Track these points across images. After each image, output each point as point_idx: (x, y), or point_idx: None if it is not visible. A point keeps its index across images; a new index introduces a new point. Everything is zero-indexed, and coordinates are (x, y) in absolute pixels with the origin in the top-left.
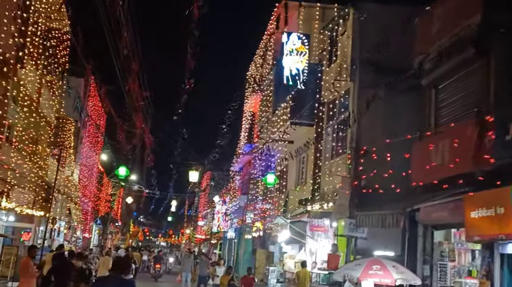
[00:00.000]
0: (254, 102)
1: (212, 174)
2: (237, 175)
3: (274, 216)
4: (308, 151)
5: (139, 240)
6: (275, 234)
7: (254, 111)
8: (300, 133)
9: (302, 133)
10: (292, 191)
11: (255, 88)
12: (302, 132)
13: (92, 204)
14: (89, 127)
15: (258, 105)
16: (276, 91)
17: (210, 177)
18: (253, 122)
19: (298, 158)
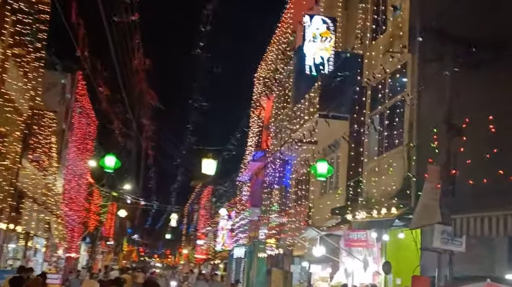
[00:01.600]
0: (264, 105)
1: (214, 189)
2: (245, 186)
3: (300, 229)
4: (339, 151)
5: (133, 260)
6: (299, 252)
7: (265, 115)
8: (328, 130)
9: (330, 130)
10: (318, 200)
11: (265, 89)
12: (330, 129)
13: (79, 219)
14: (77, 131)
15: (270, 107)
16: (296, 84)
17: (211, 192)
18: (262, 128)
19: (328, 159)
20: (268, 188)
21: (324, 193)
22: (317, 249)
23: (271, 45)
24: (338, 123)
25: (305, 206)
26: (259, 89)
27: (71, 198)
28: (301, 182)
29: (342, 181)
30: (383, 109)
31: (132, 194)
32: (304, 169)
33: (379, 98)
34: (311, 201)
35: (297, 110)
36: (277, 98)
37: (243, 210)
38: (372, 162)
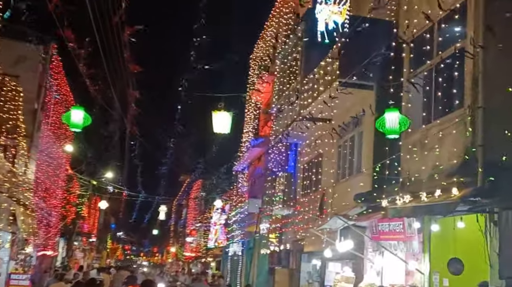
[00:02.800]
0: (262, 88)
1: (204, 183)
2: (242, 176)
3: (313, 221)
4: (361, 127)
5: (118, 259)
6: (311, 247)
7: (263, 99)
8: (346, 104)
9: (349, 103)
10: (334, 187)
11: (264, 68)
12: (349, 102)
13: (56, 213)
14: (52, 113)
15: (269, 89)
16: (306, 54)
17: (201, 186)
18: (260, 113)
19: (344, 140)
20: (271, 177)
21: (343, 177)
22: (343, 243)
23: (270, 20)
24: (359, 94)
25: (319, 193)
26: (256, 71)
27: (47, 189)
28: (311, 167)
29: (367, 162)
30: (430, 66)
31: (115, 184)
32: (316, 151)
33: (424, 53)
34: (326, 188)
35: (308, 82)
36: (281, 73)
37: (240, 202)
38: (415, 133)
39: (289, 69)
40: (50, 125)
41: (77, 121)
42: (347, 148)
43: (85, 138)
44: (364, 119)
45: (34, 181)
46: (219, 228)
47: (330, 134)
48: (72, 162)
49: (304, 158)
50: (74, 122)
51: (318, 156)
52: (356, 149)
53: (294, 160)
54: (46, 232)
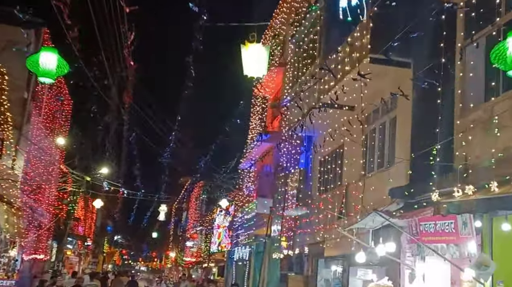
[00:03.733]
0: (271, 79)
1: (206, 183)
2: (247, 175)
3: (333, 221)
4: (394, 112)
5: (116, 264)
6: (333, 251)
7: (272, 91)
8: (374, 87)
9: (378, 86)
10: (360, 183)
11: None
12: (378, 84)
13: (49, 214)
14: (45, 105)
15: (280, 79)
16: (326, 33)
17: (202, 188)
18: (268, 108)
19: (372, 128)
20: (282, 173)
21: (371, 171)
22: (380, 246)
23: (280, 6)
24: (394, 72)
25: (341, 190)
26: None
27: (39, 188)
28: (330, 161)
29: (403, 151)
30: (496, 28)
31: (111, 181)
32: (336, 142)
33: (483, 17)
34: (349, 184)
35: (330, 63)
36: (295, 58)
37: (248, 202)
38: (475, 110)
39: (305, 53)
40: (42, 117)
41: (47, 67)
42: (375, 137)
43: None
44: (399, 102)
45: (22, 177)
46: (223, 231)
47: (356, 122)
48: (65, 156)
49: (322, 151)
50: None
51: (339, 148)
52: (388, 137)
53: (308, 154)
54: (37, 234)
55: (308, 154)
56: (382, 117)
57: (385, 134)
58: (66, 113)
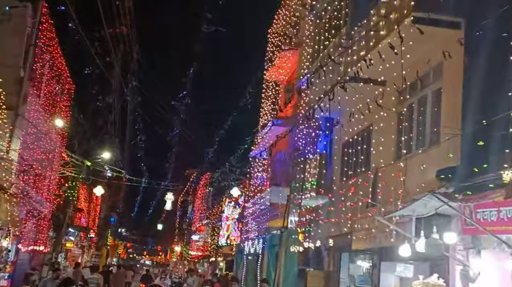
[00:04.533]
0: (285, 62)
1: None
2: (258, 163)
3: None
4: (436, 84)
5: (121, 257)
6: (368, 243)
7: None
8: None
9: (421, 52)
10: (393, 166)
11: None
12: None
13: (50, 203)
14: (43, 86)
15: (295, 60)
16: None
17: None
18: (279, 94)
19: (409, 104)
20: (299, 159)
21: (408, 152)
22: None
23: None
24: (439, 35)
25: (370, 175)
26: (276, 43)
27: (38, 175)
28: (356, 144)
29: (451, 126)
30: None
31: (113, 166)
32: (363, 123)
33: None
34: (375, 173)
35: (359, 30)
36: (315, 31)
37: (260, 192)
38: None
39: (328, 24)
40: (41, 99)
41: None
42: (414, 112)
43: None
44: (445, 70)
45: (18, 161)
46: (232, 223)
47: (388, 97)
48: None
49: (346, 133)
50: None
51: (367, 128)
52: (430, 112)
53: (329, 137)
54: (36, 225)
55: (329, 137)
56: (422, 90)
57: (427, 109)
58: (68, 97)
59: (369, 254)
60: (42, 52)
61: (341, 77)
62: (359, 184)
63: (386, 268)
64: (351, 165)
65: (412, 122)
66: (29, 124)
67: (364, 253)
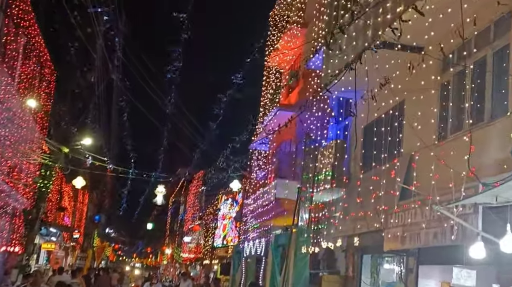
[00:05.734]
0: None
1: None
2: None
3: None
4: (504, 38)
5: (109, 260)
6: (408, 243)
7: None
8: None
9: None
10: (434, 150)
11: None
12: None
13: (26, 199)
14: (19, 64)
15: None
16: None
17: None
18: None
19: (457, 72)
20: (311, 146)
21: (455, 131)
22: None
23: None
24: None
25: (402, 161)
26: (278, 26)
27: (11, 167)
28: (380, 127)
29: None
30: None
31: (96, 155)
32: (391, 100)
33: None
34: (408, 157)
35: None
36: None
37: (262, 186)
38: None
39: None
40: (16, 81)
41: None
42: (466, 81)
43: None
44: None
45: None
46: (229, 222)
47: (427, 66)
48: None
49: (368, 115)
50: None
51: (396, 107)
52: (492, 78)
53: (345, 122)
54: (10, 223)
55: (345, 121)
56: (478, 52)
57: (485, 75)
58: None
59: (401, 255)
60: (15, 24)
61: (368, 42)
62: (386, 172)
63: (426, 273)
64: (375, 151)
65: (463, 94)
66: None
67: (394, 255)
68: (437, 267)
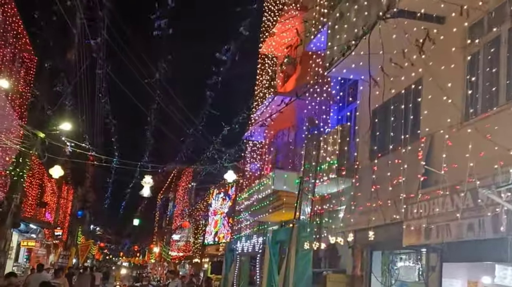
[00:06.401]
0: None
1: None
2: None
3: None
4: None
5: (96, 259)
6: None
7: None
8: None
9: None
10: (460, 131)
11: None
12: None
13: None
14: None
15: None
16: None
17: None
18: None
19: (487, 40)
20: (313, 132)
21: (488, 108)
22: None
23: None
24: None
25: (420, 145)
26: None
27: None
28: (391, 109)
29: None
30: None
31: (76, 141)
32: (405, 80)
33: None
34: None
35: None
36: None
37: (258, 178)
38: None
39: None
40: None
41: None
42: (500, 52)
43: None
44: None
45: None
46: (221, 218)
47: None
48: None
49: (378, 97)
50: None
51: (411, 86)
52: None
53: (351, 107)
54: None
55: (349, 107)
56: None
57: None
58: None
59: (419, 252)
60: None
61: (382, 11)
62: (408, 155)
63: (450, 271)
64: (387, 136)
65: (493, 67)
66: None
67: (410, 252)
68: (464, 265)
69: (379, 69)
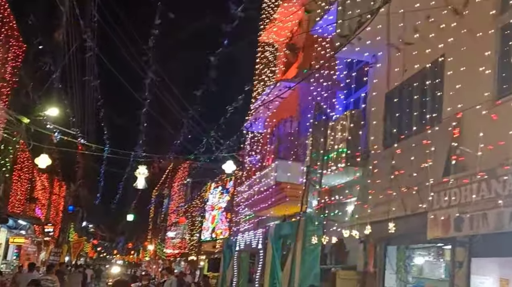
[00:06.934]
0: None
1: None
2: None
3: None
4: None
5: (89, 257)
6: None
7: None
8: None
9: None
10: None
11: None
12: None
13: None
14: None
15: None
16: None
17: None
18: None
19: None
20: (320, 118)
21: None
22: None
23: None
24: None
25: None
26: None
27: None
28: (407, 92)
29: None
30: None
31: (64, 128)
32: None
33: None
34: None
35: None
36: None
37: (259, 170)
38: None
39: None
40: None
41: None
42: None
43: None
44: None
45: None
46: (219, 213)
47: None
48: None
49: (392, 78)
50: None
51: (431, 66)
52: None
53: (362, 90)
54: None
55: (360, 91)
56: None
57: None
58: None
59: (441, 246)
60: None
61: None
62: (416, 145)
63: (480, 267)
64: (403, 121)
65: None
66: None
67: (431, 246)
68: (495, 260)
69: (394, 47)
